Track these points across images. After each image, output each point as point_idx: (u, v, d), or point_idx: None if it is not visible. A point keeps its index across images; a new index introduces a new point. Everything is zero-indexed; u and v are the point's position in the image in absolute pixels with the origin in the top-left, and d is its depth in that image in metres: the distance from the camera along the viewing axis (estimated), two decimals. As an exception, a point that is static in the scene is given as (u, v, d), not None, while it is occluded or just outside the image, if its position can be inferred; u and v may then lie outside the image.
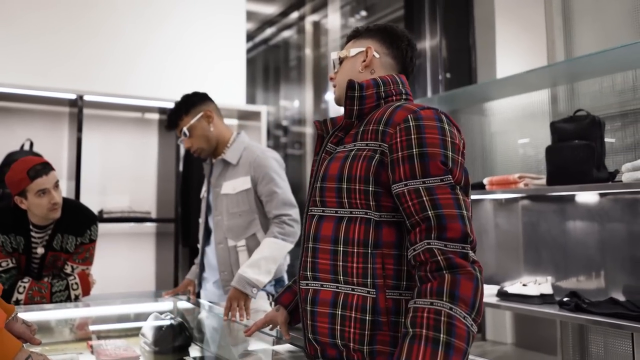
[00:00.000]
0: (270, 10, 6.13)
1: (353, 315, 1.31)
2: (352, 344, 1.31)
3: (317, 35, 5.93)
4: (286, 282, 2.47)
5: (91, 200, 3.62)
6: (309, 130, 5.92)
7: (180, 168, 3.77)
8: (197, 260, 2.68)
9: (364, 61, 1.52)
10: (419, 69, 4.91)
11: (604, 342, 2.88)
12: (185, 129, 2.39)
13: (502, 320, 3.67)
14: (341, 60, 1.56)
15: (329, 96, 5.79)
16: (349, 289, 1.34)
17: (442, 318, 1.13)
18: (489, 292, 3.09)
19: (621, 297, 2.70)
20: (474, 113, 3.79)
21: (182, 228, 3.74)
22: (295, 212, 2.37)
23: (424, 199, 1.26)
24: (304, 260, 1.45)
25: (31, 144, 3.42)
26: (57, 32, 3.66)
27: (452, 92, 3.61)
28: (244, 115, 4.23)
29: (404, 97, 1.51)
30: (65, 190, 3.60)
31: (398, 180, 1.30)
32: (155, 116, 3.93)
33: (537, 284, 2.90)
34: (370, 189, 1.34)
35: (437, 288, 1.17)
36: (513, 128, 3.52)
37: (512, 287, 2.95)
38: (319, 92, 5.84)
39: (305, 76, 5.92)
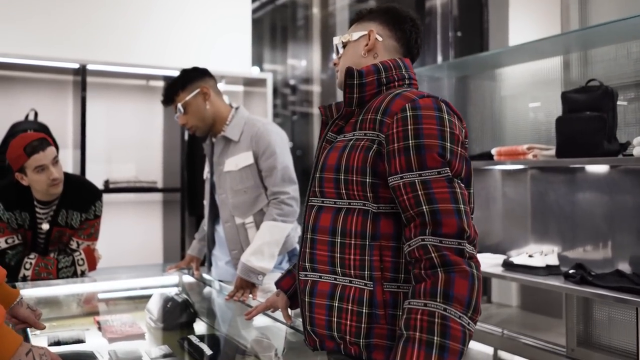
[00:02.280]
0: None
1: (350, 307, 1.31)
2: (348, 337, 1.31)
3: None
4: None
5: (97, 169, 3.62)
6: (316, 89, 5.85)
7: (186, 136, 3.74)
8: (197, 236, 2.68)
9: (367, 45, 1.47)
10: (429, 29, 4.79)
11: (608, 311, 2.88)
12: (180, 105, 2.34)
13: (508, 283, 3.68)
14: (344, 45, 1.51)
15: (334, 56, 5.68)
16: (346, 281, 1.33)
17: (436, 320, 1.12)
18: (495, 262, 3.08)
19: (628, 269, 2.68)
20: (485, 79, 3.70)
21: (188, 197, 3.74)
22: (294, 190, 2.34)
23: (419, 192, 1.23)
24: (303, 251, 1.44)
25: (36, 114, 3.40)
26: (60, 0, 3.59)
27: (463, 59, 3.52)
28: (249, 82, 4.17)
29: (407, 82, 1.46)
30: (70, 159, 3.60)
31: (394, 172, 1.28)
32: (160, 84, 3.89)
33: (543, 255, 2.88)
34: (368, 180, 1.31)
35: (430, 288, 1.16)
36: (523, 95, 3.45)
37: (518, 258, 2.94)
38: (326, 51, 5.75)
39: (312, 36, 5.81)
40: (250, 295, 2.17)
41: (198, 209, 3.70)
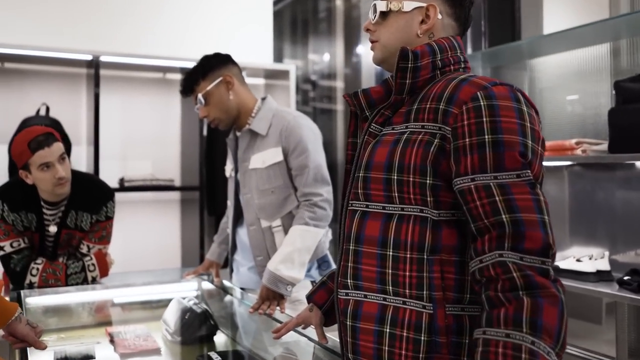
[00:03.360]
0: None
1: (405, 334, 1.09)
2: None
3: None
4: (331, 261, 2.24)
5: (111, 167, 3.44)
6: (339, 85, 5.63)
7: (205, 131, 3.54)
8: (217, 239, 2.48)
9: (423, 22, 1.23)
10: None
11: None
12: (200, 96, 2.12)
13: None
14: (387, 12, 1.25)
15: (361, 49, 5.47)
16: (399, 302, 1.12)
17: (523, 355, 0.90)
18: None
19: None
20: (521, 69, 3.45)
21: (207, 195, 3.54)
22: (327, 191, 2.11)
23: (497, 198, 1.02)
24: (344, 265, 1.22)
25: (47, 109, 3.23)
26: (70, -13, 3.41)
27: (497, 48, 3.27)
28: (271, 74, 3.97)
29: (462, 65, 1.24)
30: (84, 156, 3.42)
31: (463, 172, 1.06)
32: (177, 76, 3.69)
33: (593, 260, 2.63)
34: (428, 181, 1.10)
35: (513, 315, 0.94)
36: (563, 86, 3.19)
37: (565, 263, 2.69)
38: (349, 45, 5.53)
39: (335, 28, 5.59)
40: (278, 308, 1.96)
41: (218, 208, 3.51)
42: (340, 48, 5.59)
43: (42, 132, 2.11)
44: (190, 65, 3.44)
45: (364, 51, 5.30)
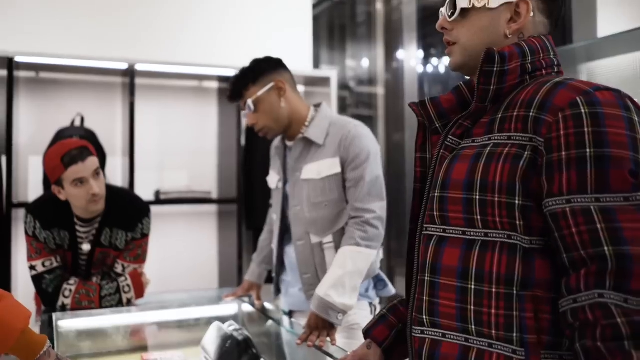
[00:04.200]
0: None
1: None
2: None
3: (387, -13, 5.39)
4: (386, 279, 2.06)
5: (147, 178, 3.33)
6: (380, 91, 5.45)
7: (243, 141, 3.41)
8: (256, 258, 2.31)
9: (512, 20, 1.05)
10: None
11: None
12: (250, 102, 1.97)
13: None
14: (466, 9, 1.07)
15: (401, 54, 5.29)
16: (484, 344, 0.95)
17: None
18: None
19: None
20: (573, 73, 3.23)
21: (245, 208, 3.40)
22: (381, 208, 1.93)
23: (598, 226, 0.85)
24: (418, 299, 1.06)
25: (82, 120, 3.14)
26: (106, -6, 3.32)
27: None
28: (310, 82, 3.82)
29: (555, 69, 1.06)
30: (119, 168, 3.32)
31: (557, 192, 0.89)
32: (214, 84, 3.57)
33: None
34: (517, 201, 0.93)
35: None
36: (623, 90, 2.96)
37: None
38: (390, 50, 5.35)
39: (376, 33, 5.42)
40: (328, 339, 1.79)
41: (256, 222, 3.36)
42: (381, 53, 5.43)
43: (75, 145, 2.00)
44: (228, 72, 3.36)
45: (405, 56, 5.12)
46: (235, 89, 2.02)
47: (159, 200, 3.25)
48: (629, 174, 0.86)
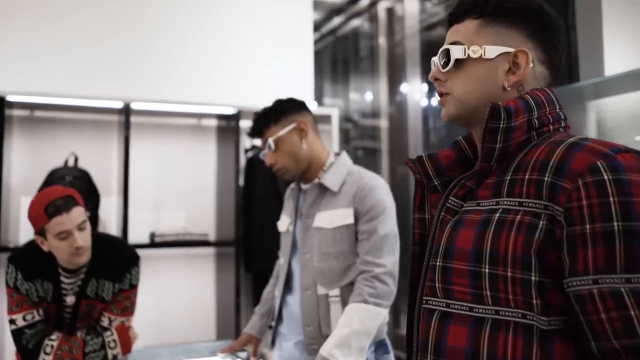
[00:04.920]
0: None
1: None
2: None
3: (390, 22, 5.36)
4: (389, 345, 1.93)
5: (142, 219, 3.22)
6: (383, 124, 5.38)
7: (241, 181, 3.30)
8: (259, 310, 2.20)
9: (511, 72, 0.96)
10: None
11: None
12: (271, 141, 1.93)
13: None
14: (461, 59, 0.99)
15: (405, 88, 5.23)
16: None
17: None
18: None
19: None
20: (581, 110, 3.14)
21: (244, 251, 3.27)
22: (393, 264, 1.82)
23: (632, 312, 0.75)
24: None
25: (76, 159, 3.05)
26: (101, 35, 3.26)
27: (558, 89, 2.98)
28: (312, 118, 3.73)
29: (562, 124, 0.96)
30: (114, 208, 3.21)
31: (582, 271, 0.78)
32: (213, 122, 3.49)
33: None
34: (533, 278, 0.82)
35: None
36: (633, 126, 2.87)
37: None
38: (393, 83, 5.30)
39: (379, 67, 5.37)
40: None
41: (255, 265, 3.23)
42: (384, 86, 5.38)
43: (61, 194, 1.89)
44: (227, 111, 3.28)
45: (409, 89, 5.06)
46: (256, 127, 2.00)
47: (154, 242, 3.13)
48: None
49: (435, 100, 5.79)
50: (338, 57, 6.29)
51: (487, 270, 0.86)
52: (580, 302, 0.79)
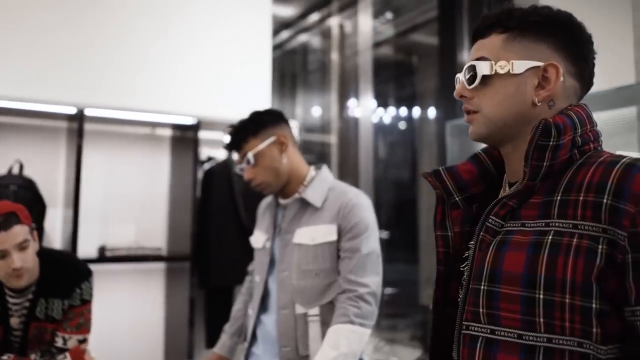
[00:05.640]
0: (289, 12, 5.59)
1: None
2: None
3: (342, 38, 5.40)
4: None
5: (91, 231, 3.05)
6: (333, 140, 5.39)
7: (198, 192, 3.19)
8: (228, 329, 2.10)
9: (541, 87, 0.94)
10: (455, 84, 4.38)
11: None
12: (250, 155, 1.85)
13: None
14: (487, 76, 0.96)
15: (353, 103, 5.27)
16: None
17: None
18: None
19: None
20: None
21: (199, 266, 3.15)
22: (376, 284, 1.79)
23: None
24: None
25: (21, 167, 2.85)
26: (54, 36, 3.09)
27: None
28: (268, 130, 3.66)
29: (600, 143, 0.95)
30: (60, 220, 3.03)
31: None
32: (168, 132, 3.36)
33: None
34: (594, 305, 0.79)
35: None
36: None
37: None
38: (344, 99, 5.32)
39: (330, 82, 5.38)
40: None
41: (210, 281, 3.12)
42: (335, 102, 5.39)
43: (2, 211, 1.74)
44: (182, 120, 3.17)
45: (360, 105, 5.09)
46: (234, 140, 1.91)
47: (104, 257, 2.96)
48: None
49: (387, 117, 5.86)
50: (286, 71, 6.27)
51: (541, 297, 0.82)
52: None
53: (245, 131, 1.89)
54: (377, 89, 5.14)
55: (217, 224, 3.16)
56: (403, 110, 5.92)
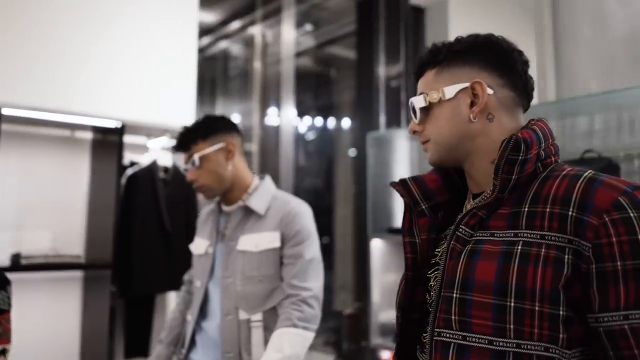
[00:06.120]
0: (210, 18, 5.55)
1: None
2: None
3: (265, 47, 5.42)
4: None
5: (3, 238, 2.88)
6: (254, 148, 5.39)
7: (120, 199, 3.08)
8: (165, 338, 2.07)
9: (472, 103, 1.02)
10: (372, 96, 4.55)
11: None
12: (196, 157, 1.89)
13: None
14: (429, 106, 1.06)
15: (273, 111, 5.31)
16: None
17: None
18: None
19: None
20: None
21: (120, 274, 3.04)
22: (319, 288, 1.86)
23: None
24: None
25: None
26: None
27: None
28: (192, 136, 3.61)
29: (558, 156, 1.03)
30: (-32, 226, 2.83)
31: (614, 307, 0.83)
32: (88, 135, 3.23)
33: None
34: (561, 312, 0.86)
35: None
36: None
37: None
38: (265, 106, 5.35)
39: (252, 90, 5.39)
40: None
41: (132, 290, 3.02)
42: (256, 109, 5.40)
43: None
44: (104, 123, 3.06)
45: (282, 114, 5.13)
46: (183, 140, 1.95)
47: (17, 265, 2.80)
48: None
49: (306, 126, 5.95)
50: (206, 77, 6.20)
51: (512, 304, 0.87)
52: (611, 337, 0.84)
53: (195, 133, 1.93)
54: (296, 99, 5.22)
55: (140, 230, 3.08)
56: (321, 120, 6.04)
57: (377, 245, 3.49)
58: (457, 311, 0.93)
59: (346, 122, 5.95)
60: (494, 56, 1.04)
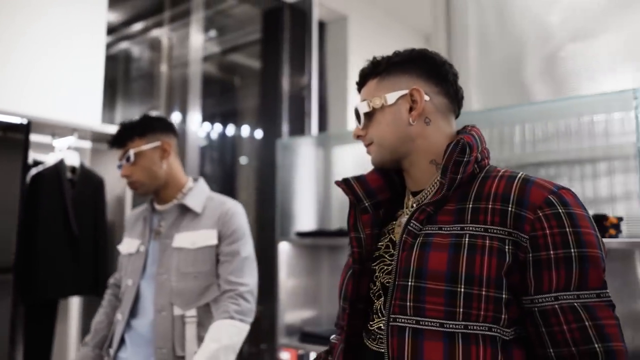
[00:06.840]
0: (112, 17, 5.41)
1: None
2: None
3: (171, 50, 5.36)
4: None
5: None
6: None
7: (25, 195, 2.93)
8: (90, 341, 2.03)
9: (412, 109, 1.15)
10: (276, 105, 4.69)
11: None
12: (131, 153, 1.94)
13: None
14: (371, 112, 1.18)
15: (177, 116, 5.26)
16: None
17: None
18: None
19: None
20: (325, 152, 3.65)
21: (22, 279, 2.89)
22: (254, 284, 1.95)
23: (586, 323, 0.95)
24: None
25: None
26: None
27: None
28: (99, 137, 3.51)
29: (489, 158, 1.19)
30: None
31: (547, 290, 0.98)
32: (-14, 132, 3.06)
33: None
34: (504, 296, 0.99)
35: None
36: (357, 171, 3.46)
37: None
38: (170, 112, 5.27)
39: (158, 94, 5.29)
40: None
41: (34, 295, 2.88)
42: (160, 114, 5.32)
43: None
44: (9, 119, 2.90)
45: (187, 120, 5.09)
46: (119, 136, 1.98)
47: None
48: (602, 272, 0.98)
49: (211, 132, 5.92)
50: (105, 78, 6.00)
51: (462, 290, 0.99)
52: (544, 316, 0.97)
53: (132, 130, 1.97)
54: (207, 104, 5.21)
55: (45, 232, 2.95)
56: (223, 127, 6.05)
57: (284, 249, 3.59)
58: (412, 298, 1.03)
59: (245, 130, 6.00)
60: (429, 67, 1.18)
